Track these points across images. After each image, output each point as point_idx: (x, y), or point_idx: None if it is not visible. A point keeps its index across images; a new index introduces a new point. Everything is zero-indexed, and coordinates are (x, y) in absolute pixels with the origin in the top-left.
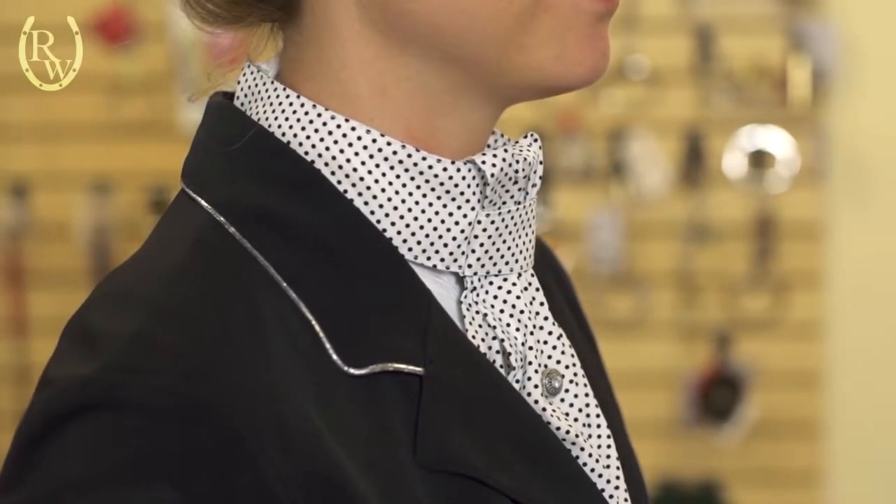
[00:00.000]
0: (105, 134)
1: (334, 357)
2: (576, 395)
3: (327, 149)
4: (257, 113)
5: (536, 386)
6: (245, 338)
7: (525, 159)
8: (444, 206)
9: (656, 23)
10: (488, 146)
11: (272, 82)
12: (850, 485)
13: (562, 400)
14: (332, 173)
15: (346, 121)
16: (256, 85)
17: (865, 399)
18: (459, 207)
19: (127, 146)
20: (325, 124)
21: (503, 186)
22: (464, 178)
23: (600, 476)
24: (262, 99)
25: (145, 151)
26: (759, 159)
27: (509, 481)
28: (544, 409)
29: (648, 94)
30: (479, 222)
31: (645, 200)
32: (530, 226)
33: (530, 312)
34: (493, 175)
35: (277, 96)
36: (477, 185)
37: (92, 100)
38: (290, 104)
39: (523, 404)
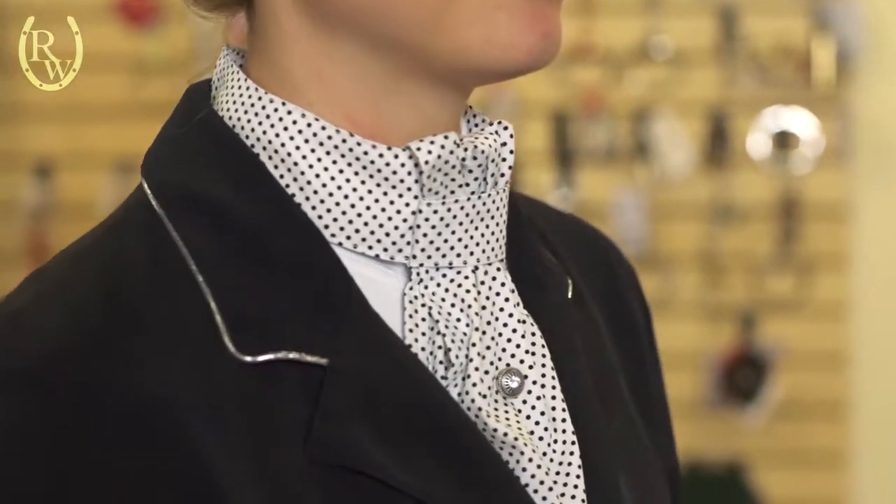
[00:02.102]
0: (129, 114)
1: (228, 344)
2: (539, 397)
3: (264, 132)
4: (220, 97)
5: (475, 384)
6: (121, 323)
7: (475, 147)
8: (385, 193)
9: (680, 3)
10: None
11: (232, 66)
12: (874, 465)
13: (524, 401)
14: (270, 158)
15: (283, 104)
16: (224, 69)
17: (891, 380)
18: (401, 196)
19: (151, 126)
20: (264, 108)
21: (446, 175)
22: (403, 164)
23: (542, 483)
24: (225, 83)
25: None
26: (784, 140)
27: (411, 479)
28: (480, 409)
29: (672, 75)
30: (420, 211)
31: (669, 181)
32: (492, 217)
33: (485, 308)
34: (427, 162)
35: (233, 80)
36: (419, 173)
37: (116, 80)
38: (239, 87)
39: (446, 402)
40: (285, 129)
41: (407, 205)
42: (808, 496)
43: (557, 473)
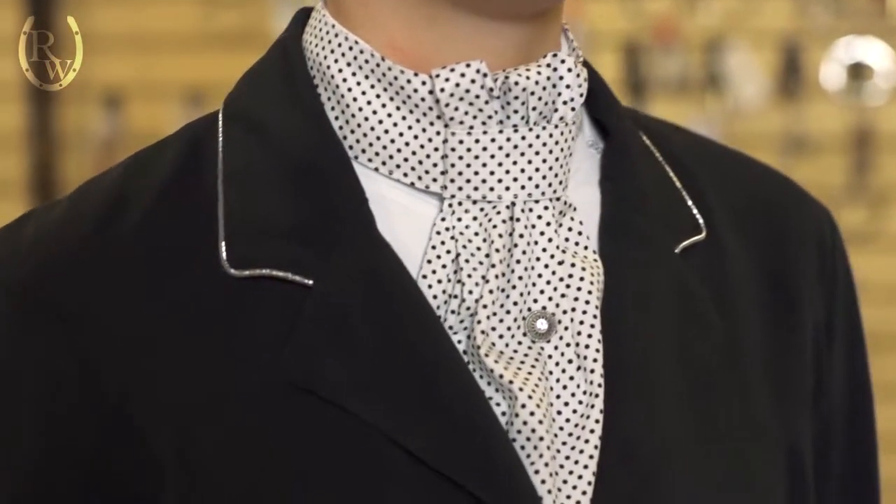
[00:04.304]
0: (199, 44)
1: (223, 256)
2: (569, 344)
3: (317, 55)
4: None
5: (480, 322)
6: (117, 232)
7: (507, 79)
8: (418, 120)
9: None
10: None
11: None
12: None
13: (555, 347)
14: (321, 80)
15: (333, 27)
16: None
17: None
18: (432, 123)
19: (221, 57)
20: (320, 31)
21: (472, 105)
22: (430, 91)
23: (533, 431)
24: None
25: (239, 62)
26: (857, 71)
27: (376, 410)
28: (479, 348)
29: (745, 5)
30: (446, 141)
31: (742, 112)
32: (536, 153)
33: (517, 246)
34: (443, 90)
35: (318, 4)
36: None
37: (186, 10)
38: (316, 11)
39: (434, 336)
40: (332, 51)
41: (438, 133)
42: (881, 430)
43: (576, 425)
